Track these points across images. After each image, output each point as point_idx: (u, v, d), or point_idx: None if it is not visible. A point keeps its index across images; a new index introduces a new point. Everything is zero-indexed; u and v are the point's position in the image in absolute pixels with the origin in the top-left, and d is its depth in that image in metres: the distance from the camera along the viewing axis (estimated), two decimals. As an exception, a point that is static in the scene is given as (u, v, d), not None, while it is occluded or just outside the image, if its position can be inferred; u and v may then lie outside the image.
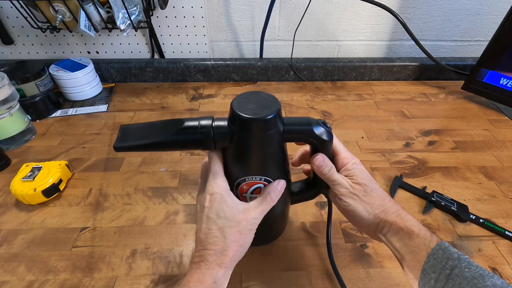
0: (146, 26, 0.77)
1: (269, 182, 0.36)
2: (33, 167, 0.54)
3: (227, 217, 0.32)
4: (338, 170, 0.36)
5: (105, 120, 0.72)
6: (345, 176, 0.36)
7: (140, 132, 0.35)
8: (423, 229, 0.32)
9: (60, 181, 0.53)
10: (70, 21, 0.68)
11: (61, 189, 0.54)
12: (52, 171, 0.53)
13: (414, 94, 0.83)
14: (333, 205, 0.44)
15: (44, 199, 0.52)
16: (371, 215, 0.34)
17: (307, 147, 0.39)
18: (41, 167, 0.53)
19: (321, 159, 0.35)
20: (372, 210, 0.34)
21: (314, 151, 0.37)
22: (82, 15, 0.66)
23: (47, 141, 0.66)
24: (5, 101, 0.59)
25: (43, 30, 0.70)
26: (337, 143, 0.37)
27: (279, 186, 0.35)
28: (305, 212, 0.51)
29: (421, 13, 0.84)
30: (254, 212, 0.33)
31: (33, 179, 0.51)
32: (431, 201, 0.52)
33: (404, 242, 0.32)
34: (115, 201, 0.53)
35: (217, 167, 0.34)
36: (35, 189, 0.50)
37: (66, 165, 0.56)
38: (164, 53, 0.87)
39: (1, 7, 0.75)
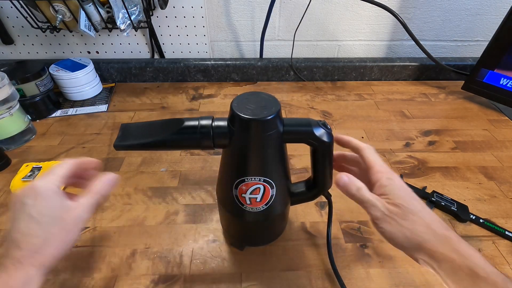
0: (146, 26, 0.77)
1: (269, 182, 0.36)
2: (33, 167, 0.54)
3: (52, 216, 0.29)
4: (371, 188, 0.32)
5: (105, 120, 0.72)
6: (380, 194, 0.30)
7: (140, 131, 0.35)
8: (492, 271, 0.25)
9: None
10: (70, 21, 0.68)
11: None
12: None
13: (414, 94, 0.83)
14: (333, 205, 0.44)
15: None
16: (413, 243, 0.28)
17: (343, 152, 0.39)
18: (41, 167, 0.53)
19: (345, 178, 0.32)
20: (413, 237, 0.28)
21: (314, 153, 0.37)
22: (82, 15, 0.66)
23: (47, 141, 0.66)
24: (5, 101, 0.59)
25: (43, 30, 0.70)
26: (370, 154, 0.33)
27: (106, 178, 0.32)
28: (305, 212, 0.51)
29: (421, 13, 0.84)
30: (80, 209, 0.30)
31: (33, 179, 0.51)
32: (431, 201, 0.52)
33: (465, 286, 0.25)
34: (115, 201, 0.53)
35: (60, 169, 0.31)
36: None
37: None
38: (164, 53, 0.87)
39: (1, 7, 0.75)
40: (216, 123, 0.33)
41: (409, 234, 0.28)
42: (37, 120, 0.71)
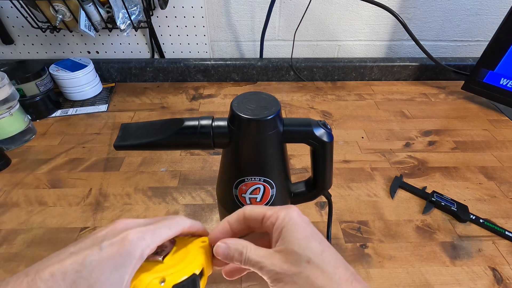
0: (146, 26, 0.77)
1: (268, 182, 0.36)
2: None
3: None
4: (271, 238, 0.25)
5: (105, 120, 0.72)
6: (277, 240, 0.24)
7: (140, 131, 0.35)
8: None
9: (202, 273, 0.26)
10: (70, 21, 0.68)
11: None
12: (192, 253, 0.26)
13: (414, 94, 0.83)
14: (333, 205, 0.44)
15: None
16: None
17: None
18: (174, 241, 0.28)
19: (222, 245, 0.25)
20: None
21: (314, 153, 0.37)
22: (82, 15, 0.66)
23: (47, 141, 0.66)
24: (5, 101, 0.59)
25: (43, 30, 0.70)
26: (255, 208, 0.26)
27: None
28: (305, 212, 0.51)
29: (421, 13, 0.84)
30: None
31: (162, 259, 0.25)
32: (431, 201, 0.52)
33: None
34: (115, 201, 0.53)
35: (163, 233, 0.24)
36: (163, 281, 0.23)
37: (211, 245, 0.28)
38: (164, 53, 0.87)
39: (1, 7, 0.75)
40: (216, 123, 0.33)
41: None
42: (37, 120, 0.71)
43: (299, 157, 0.62)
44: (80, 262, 0.20)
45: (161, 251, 0.26)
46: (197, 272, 0.25)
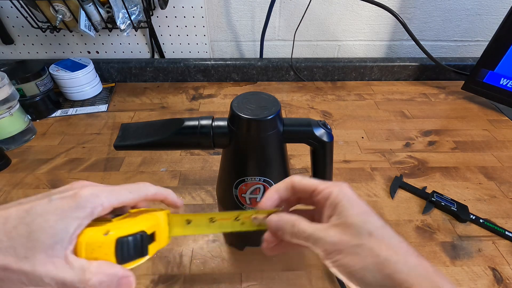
0: (146, 26, 0.77)
1: (268, 182, 0.36)
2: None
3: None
4: (321, 212, 0.24)
5: (105, 120, 0.72)
6: (331, 216, 0.23)
7: (140, 131, 0.36)
8: None
9: (153, 237, 0.25)
10: (70, 21, 0.68)
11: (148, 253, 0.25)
12: (146, 216, 0.26)
13: (414, 94, 0.83)
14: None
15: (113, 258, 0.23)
16: (381, 276, 0.20)
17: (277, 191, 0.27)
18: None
19: (274, 218, 0.25)
20: (380, 268, 0.20)
21: (314, 153, 0.37)
22: (82, 15, 0.66)
23: (47, 141, 0.66)
24: (5, 100, 0.59)
25: (43, 30, 0.70)
26: (305, 179, 0.26)
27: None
28: (305, 212, 0.51)
29: (421, 13, 0.84)
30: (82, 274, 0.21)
31: (113, 218, 0.25)
32: (431, 201, 0.52)
33: None
34: (115, 201, 0.53)
35: (121, 195, 0.24)
36: (107, 233, 0.22)
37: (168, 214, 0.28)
38: (164, 53, 0.87)
39: (1, 7, 0.75)
40: (216, 123, 0.33)
41: (372, 265, 0.20)
42: (37, 120, 0.71)
43: (299, 157, 0.62)
44: (26, 210, 0.20)
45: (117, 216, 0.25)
46: (147, 232, 0.24)
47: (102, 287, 0.21)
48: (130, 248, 0.23)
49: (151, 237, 0.25)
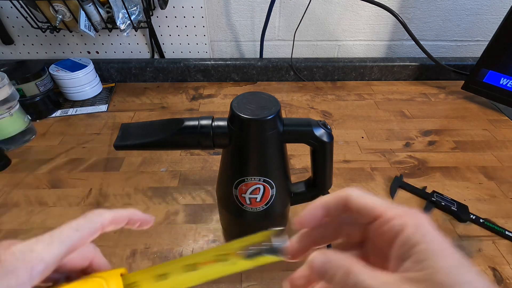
0: (146, 26, 0.77)
1: (268, 182, 0.36)
2: None
3: None
4: (383, 249, 0.18)
5: (105, 120, 0.72)
6: (404, 259, 0.17)
7: (140, 131, 0.36)
8: None
9: None
10: (70, 21, 0.68)
11: None
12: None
13: (414, 94, 0.83)
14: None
15: None
16: None
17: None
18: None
19: (319, 257, 0.18)
20: None
21: (314, 153, 0.37)
22: (82, 15, 0.66)
23: (47, 141, 0.66)
24: (5, 101, 0.59)
25: (43, 30, 0.70)
26: (366, 197, 0.20)
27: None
28: (305, 212, 0.51)
29: (421, 13, 0.84)
30: None
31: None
32: (431, 201, 0.52)
33: None
34: (115, 201, 0.53)
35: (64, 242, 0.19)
36: None
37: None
38: (164, 53, 0.87)
39: (1, 7, 0.75)
40: (216, 123, 0.33)
41: None
42: (37, 120, 0.71)
43: (299, 157, 0.62)
44: None
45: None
46: None
47: None
48: None
49: None
